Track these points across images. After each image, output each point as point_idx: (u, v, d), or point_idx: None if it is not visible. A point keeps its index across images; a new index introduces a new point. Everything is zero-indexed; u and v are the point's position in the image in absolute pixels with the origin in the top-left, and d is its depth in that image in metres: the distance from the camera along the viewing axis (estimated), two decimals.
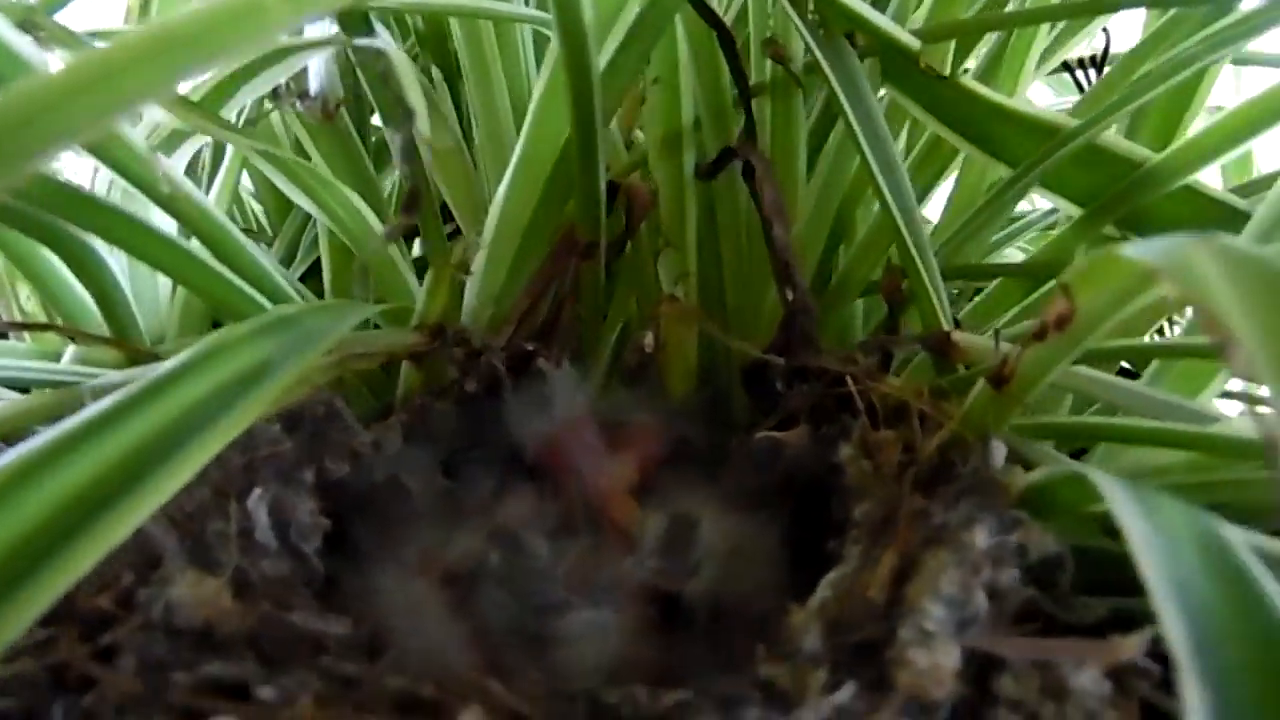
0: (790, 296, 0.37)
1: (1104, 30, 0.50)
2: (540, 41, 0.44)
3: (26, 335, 0.43)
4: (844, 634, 0.28)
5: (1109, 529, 0.33)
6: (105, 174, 0.37)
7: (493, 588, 0.33)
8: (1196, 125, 0.41)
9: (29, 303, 0.45)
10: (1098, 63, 0.51)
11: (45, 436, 0.24)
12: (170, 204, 0.34)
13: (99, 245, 0.35)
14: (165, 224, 0.36)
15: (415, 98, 0.27)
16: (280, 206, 0.52)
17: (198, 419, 0.25)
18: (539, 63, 0.45)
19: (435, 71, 0.48)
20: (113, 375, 0.36)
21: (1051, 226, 0.51)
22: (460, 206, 0.44)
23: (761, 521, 0.36)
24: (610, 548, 0.35)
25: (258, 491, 0.31)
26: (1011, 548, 0.28)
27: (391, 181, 0.50)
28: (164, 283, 0.44)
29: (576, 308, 0.42)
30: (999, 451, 0.31)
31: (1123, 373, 0.41)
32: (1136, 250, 0.23)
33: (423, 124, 0.27)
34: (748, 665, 0.28)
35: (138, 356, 0.39)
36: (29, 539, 0.21)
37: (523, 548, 0.34)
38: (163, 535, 0.29)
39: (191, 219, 0.35)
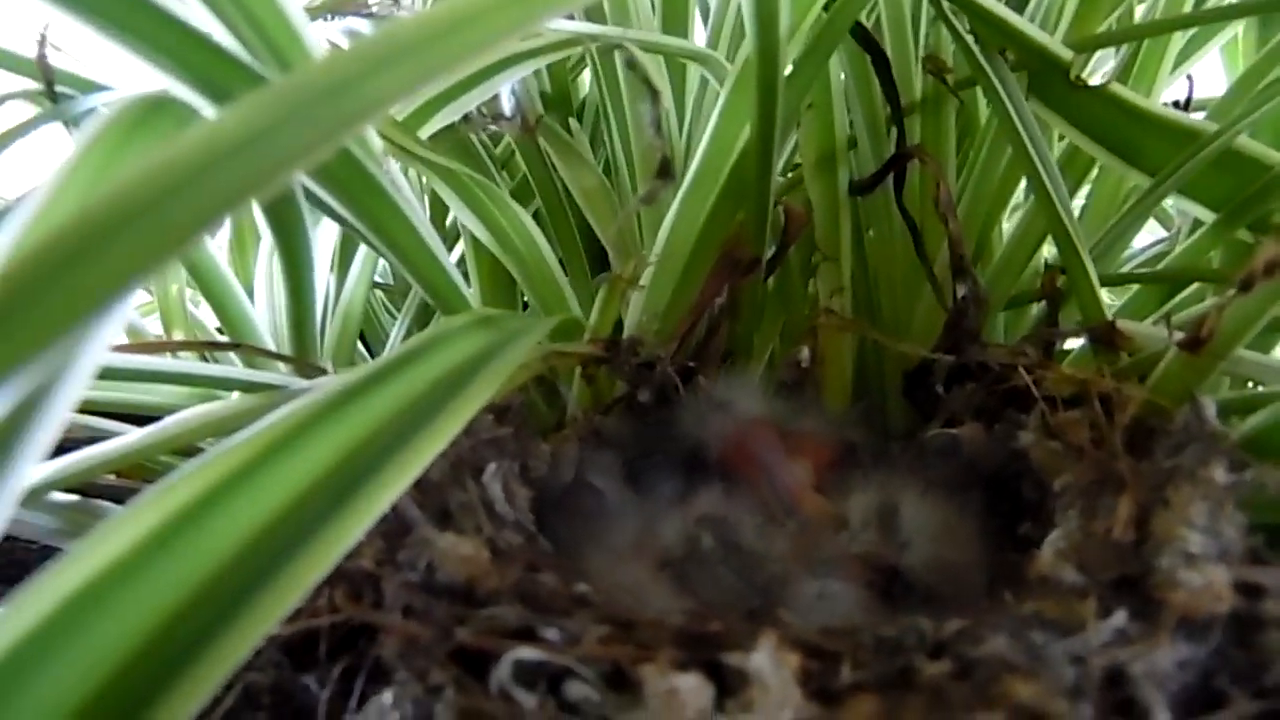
0: (960, 292, 0.39)
1: (1188, 77, 0.55)
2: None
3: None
4: (1097, 572, 0.29)
5: None
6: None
7: (711, 568, 0.34)
8: None
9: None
10: (1183, 106, 0.55)
11: (290, 410, 0.25)
12: None
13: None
14: None
15: (659, 80, 0.30)
16: None
17: (441, 393, 0.27)
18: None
19: (573, 123, 0.51)
20: (320, 380, 0.37)
21: (1158, 258, 0.53)
22: (609, 237, 0.46)
23: (955, 507, 0.37)
24: (816, 531, 0.36)
25: (492, 467, 0.32)
26: (1247, 486, 0.30)
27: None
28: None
29: (735, 323, 0.44)
30: (1209, 406, 0.32)
31: None
32: None
33: (667, 99, 0.29)
34: (996, 612, 0.29)
35: (314, 374, 0.40)
36: (297, 505, 0.22)
37: (734, 530, 0.35)
38: (409, 506, 0.30)
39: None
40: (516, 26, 0.20)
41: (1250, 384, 0.40)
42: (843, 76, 0.43)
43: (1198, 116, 0.43)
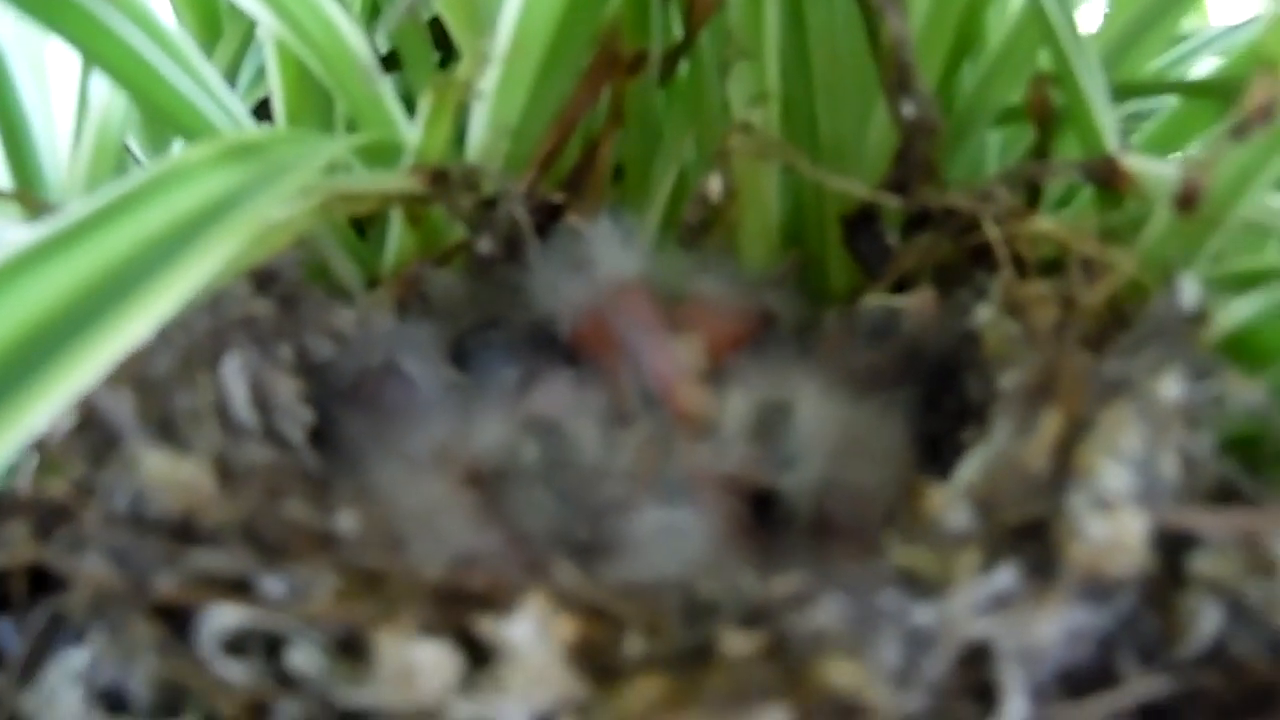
0: (908, 112, 0.41)
1: None
2: None
3: None
4: (999, 513, 0.31)
5: None
6: None
7: (531, 487, 0.37)
8: None
9: None
10: None
11: None
12: None
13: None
14: None
15: None
16: (207, 30, 0.55)
17: (155, 254, 0.28)
18: None
19: None
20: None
21: None
22: (457, 15, 0.47)
23: (876, 409, 0.40)
24: (679, 440, 0.38)
25: (233, 358, 0.35)
26: (1208, 401, 0.32)
27: None
28: (62, 134, 0.47)
29: (618, 143, 0.45)
30: (1190, 289, 0.34)
31: None
32: None
33: None
34: (872, 562, 0.32)
35: (45, 212, 0.42)
36: None
37: (567, 439, 0.38)
38: (120, 411, 0.33)
39: (121, 4, 0.38)
40: None
41: None
42: None
43: None
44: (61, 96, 0.47)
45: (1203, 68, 0.61)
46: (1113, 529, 0.29)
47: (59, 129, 0.47)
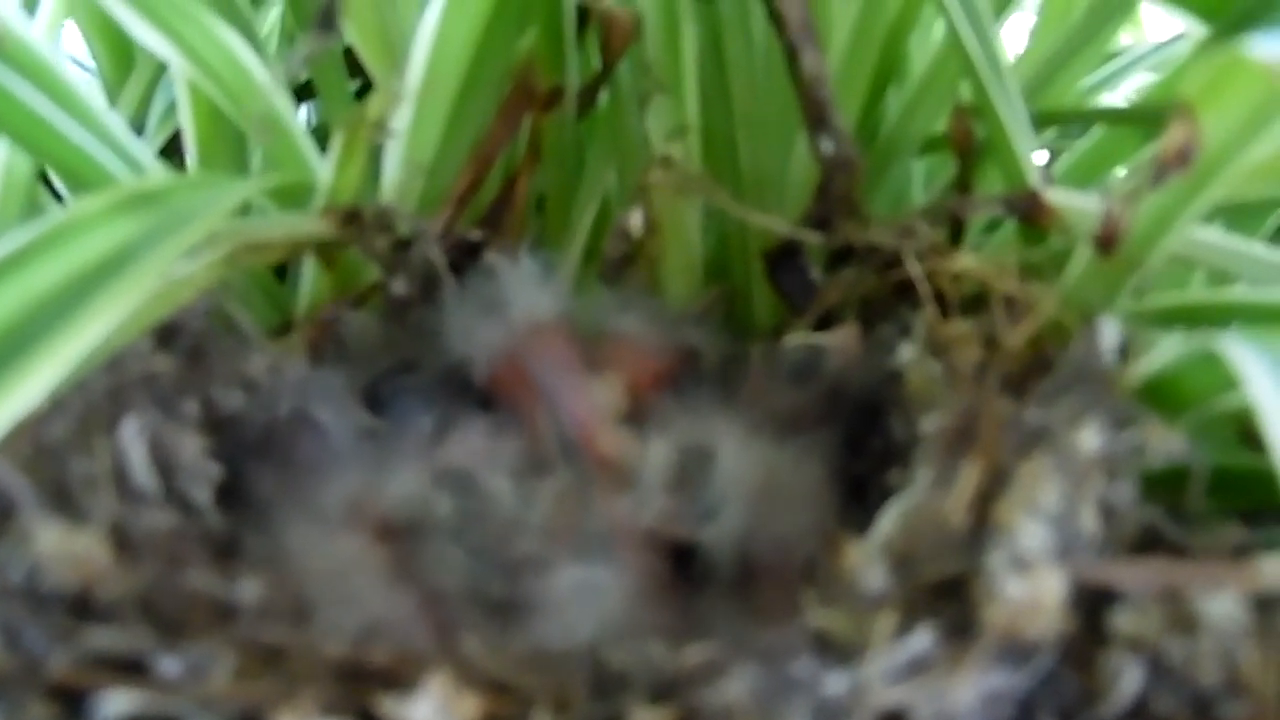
0: (826, 148, 0.40)
1: None
2: None
3: None
4: (917, 572, 0.31)
5: (1248, 434, 0.37)
6: None
7: (444, 543, 0.36)
8: None
9: None
10: None
11: None
12: None
13: None
14: None
15: None
16: (120, 62, 0.54)
17: (47, 313, 0.27)
18: None
19: None
20: None
21: None
22: (371, 48, 0.46)
23: (799, 451, 0.39)
24: (597, 490, 0.38)
25: (130, 421, 0.34)
26: (1128, 451, 0.32)
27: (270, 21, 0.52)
28: None
29: (536, 180, 0.44)
30: (1110, 333, 0.34)
31: None
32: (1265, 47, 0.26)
33: None
34: (791, 621, 0.32)
35: None
36: None
37: (481, 491, 0.37)
38: (13, 481, 0.32)
39: (20, 62, 0.37)
40: None
41: None
42: None
43: None
44: None
45: (1136, 83, 0.61)
46: (1030, 589, 0.29)
47: None
